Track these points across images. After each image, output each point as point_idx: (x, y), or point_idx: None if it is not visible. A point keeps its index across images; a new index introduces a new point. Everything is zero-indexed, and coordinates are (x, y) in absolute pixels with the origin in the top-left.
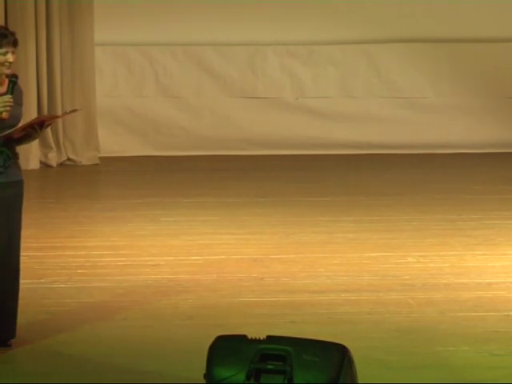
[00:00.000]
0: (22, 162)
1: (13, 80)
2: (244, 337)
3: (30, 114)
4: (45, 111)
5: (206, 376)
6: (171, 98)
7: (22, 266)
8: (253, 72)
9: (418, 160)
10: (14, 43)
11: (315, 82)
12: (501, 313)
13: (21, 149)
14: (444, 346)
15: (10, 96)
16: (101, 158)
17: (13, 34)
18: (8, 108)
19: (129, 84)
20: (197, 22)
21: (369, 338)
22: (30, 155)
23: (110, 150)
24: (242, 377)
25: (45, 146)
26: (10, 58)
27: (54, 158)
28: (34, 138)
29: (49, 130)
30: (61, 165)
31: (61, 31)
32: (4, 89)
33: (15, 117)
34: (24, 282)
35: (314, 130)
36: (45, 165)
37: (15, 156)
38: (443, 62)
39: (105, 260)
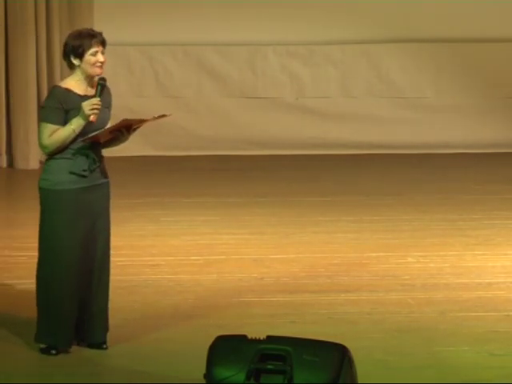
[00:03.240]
0: (22, 161)
1: (101, 83)
2: (244, 337)
3: (29, 113)
4: None
5: (206, 376)
6: (171, 98)
7: (22, 265)
8: (253, 72)
9: (417, 160)
10: (103, 43)
11: (315, 82)
12: (501, 313)
13: (21, 149)
14: (444, 346)
15: (98, 99)
16: None
17: (100, 33)
18: (96, 111)
19: (129, 84)
20: (197, 22)
21: (369, 338)
22: (30, 155)
23: (109, 149)
24: (241, 377)
25: None
26: (100, 57)
27: None
28: (121, 142)
29: None
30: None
31: (61, 31)
32: (93, 91)
33: (103, 120)
34: (24, 282)
35: (314, 130)
36: None
37: (100, 159)
38: (443, 62)
39: None
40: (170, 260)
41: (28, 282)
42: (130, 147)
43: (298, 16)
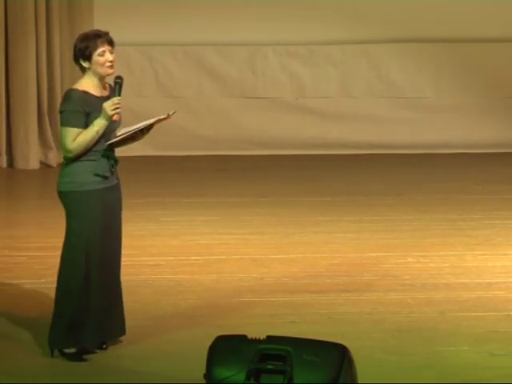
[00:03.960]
0: (22, 161)
1: (118, 81)
2: (244, 337)
3: (29, 113)
4: (44, 111)
5: (206, 376)
6: (171, 98)
7: (22, 265)
8: (253, 72)
9: (417, 160)
10: (110, 42)
11: (315, 82)
12: (501, 313)
13: (21, 149)
14: (444, 346)
15: (119, 98)
16: None
17: (106, 33)
18: (118, 110)
19: (129, 84)
20: (197, 22)
21: (369, 338)
22: (30, 155)
23: None
24: (241, 377)
25: (45, 146)
26: (109, 57)
27: (54, 158)
28: (136, 140)
29: (49, 130)
30: (61, 165)
31: (61, 31)
32: (107, 92)
33: (120, 119)
34: (24, 282)
35: (314, 129)
36: (45, 165)
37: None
38: (443, 62)
39: None
40: (170, 260)
41: (28, 281)
42: (129, 147)
43: (298, 16)
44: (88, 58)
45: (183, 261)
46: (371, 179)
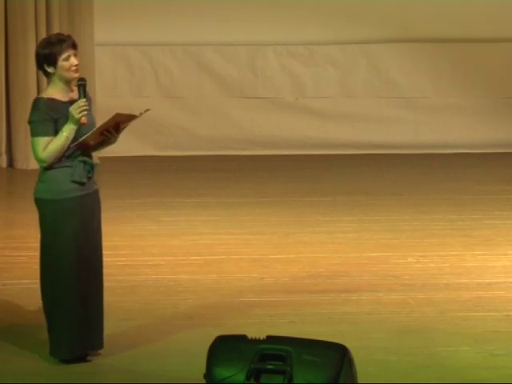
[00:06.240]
0: (22, 161)
1: (81, 83)
2: (244, 337)
3: (28, 114)
4: None
5: (205, 376)
6: (171, 98)
7: (21, 265)
8: (253, 72)
9: (417, 160)
10: (74, 45)
11: (315, 82)
12: (501, 313)
13: (21, 149)
14: (444, 346)
15: (84, 100)
16: (101, 158)
17: (69, 37)
18: (85, 112)
19: (129, 84)
20: (197, 22)
21: (369, 338)
22: (30, 155)
23: (109, 149)
24: (241, 377)
25: None
26: (74, 61)
27: None
28: (111, 143)
29: None
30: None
31: (61, 31)
32: (75, 95)
33: (91, 123)
34: (24, 282)
35: (314, 129)
36: None
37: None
38: (443, 62)
39: (105, 260)
40: (170, 260)
41: (28, 281)
42: (130, 147)
43: (298, 16)
44: (53, 64)
45: (183, 261)
46: (371, 179)
